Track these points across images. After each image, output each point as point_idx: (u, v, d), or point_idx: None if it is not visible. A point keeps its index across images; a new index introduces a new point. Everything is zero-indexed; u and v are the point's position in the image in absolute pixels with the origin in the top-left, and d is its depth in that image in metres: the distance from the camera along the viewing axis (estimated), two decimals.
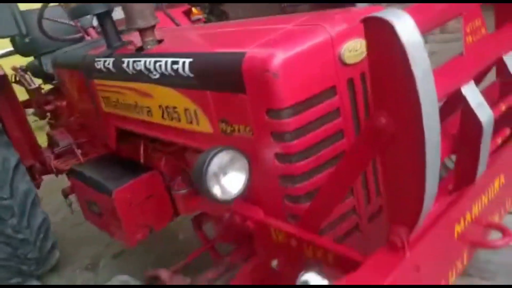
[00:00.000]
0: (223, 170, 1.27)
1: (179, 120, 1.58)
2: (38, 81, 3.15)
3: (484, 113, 0.95)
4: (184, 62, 1.45)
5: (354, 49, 1.26)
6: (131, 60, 1.72)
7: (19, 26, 2.28)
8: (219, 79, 1.34)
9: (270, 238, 1.34)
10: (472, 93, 0.95)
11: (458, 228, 1.14)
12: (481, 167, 1.03)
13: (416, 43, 0.79)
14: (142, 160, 2.13)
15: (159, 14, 2.74)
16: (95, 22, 2.72)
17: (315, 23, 1.26)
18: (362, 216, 1.44)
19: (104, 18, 1.89)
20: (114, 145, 2.16)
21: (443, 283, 1.13)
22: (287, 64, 1.16)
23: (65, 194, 3.09)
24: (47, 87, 3.16)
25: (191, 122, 1.52)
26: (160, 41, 1.74)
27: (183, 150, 1.85)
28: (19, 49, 3.10)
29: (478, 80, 1.26)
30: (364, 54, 1.30)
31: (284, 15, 1.65)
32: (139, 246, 3.29)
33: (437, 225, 1.06)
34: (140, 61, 1.66)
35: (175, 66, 1.49)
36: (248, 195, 1.37)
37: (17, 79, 3.09)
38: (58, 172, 2.76)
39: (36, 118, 3.41)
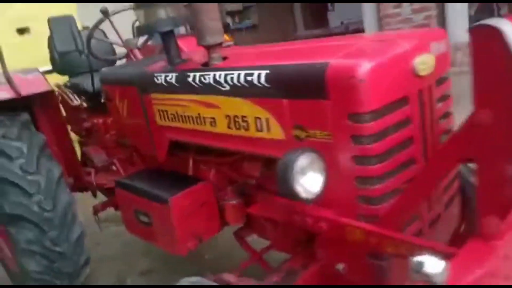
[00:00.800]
0: (306, 171, 1.36)
1: (247, 128, 1.67)
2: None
3: None
4: (259, 74, 1.56)
5: (426, 62, 1.39)
6: (197, 74, 1.83)
7: (77, 43, 2.39)
8: (299, 88, 1.45)
9: (343, 238, 1.42)
10: None
11: None
12: None
13: None
14: (190, 172, 2.21)
15: (191, 38, 2.90)
16: (138, 43, 2.86)
17: (390, 39, 1.40)
18: (425, 221, 1.53)
19: (168, 36, 2.02)
20: (164, 157, 2.24)
21: None
22: (372, 72, 1.28)
23: (96, 211, 3.14)
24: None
25: (261, 130, 1.62)
26: (224, 58, 1.86)
27: (238, 160, 1.94)
28: (57, 67, 3.22)
29: None
30: (433, 69, 1.44)
31: (336, 36, 1.79)
32: (165, 265, 3.32)
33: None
34: (208, 74, 1.78)
35: (249, 78, 1.60)
36: (319, 198, 1.45)
37: (61, 96, 3.18)
38: (98, 187, 2.81)
39: None
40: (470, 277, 0.97)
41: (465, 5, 5.18)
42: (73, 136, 3.30)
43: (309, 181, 1.37)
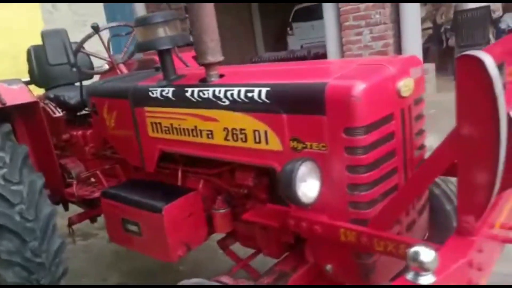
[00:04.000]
0: (305, 177, 1.52)
1: (245, 140, 1.82)
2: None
3: None
4: (260, 90, 1.72)
5: (407, 85, 1.61)
6: (196, 89, 1.97)
7: (68, 56, 2.45)
8: (298, 104, 1.62)
9: (336, 240, 1.58)
10: None
11: (497, 224, 1.45)
12: None
13: (496, 74, 1.13)
14: (179, 182, 2.30)
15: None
16: (122, 59, 2.94)
17: (378, 63, 1.61)
18: (403, 225, 1.73)
19: (165, 53, 2.14)
20: (153, 168, 2.32)
21: (490, 271, 1.41)
22: (366, 92, 1.48)
23: (71, 223, 3.12)
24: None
25: (259, 142, 1.77)
26: (221, 76, 2.00)
27: (230, 170, 2.07)
28: (36, 79, 3.22)
29: None
30: (412, 91, 1.66)
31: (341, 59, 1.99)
32: (139, 276, 3.34)
33: (487, 219, 1.36)
34: (207, 90, 1.91)
35: (249, 94, 1.76)
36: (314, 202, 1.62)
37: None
38: (79, 198, 2.82)
39: None
40: (455, 266, 1.16)
41: (419, 35, 5.66)
42: None
43: (308, 187, 1.54)
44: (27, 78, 3.23)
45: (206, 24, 1.87)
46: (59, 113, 2.97)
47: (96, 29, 2.59)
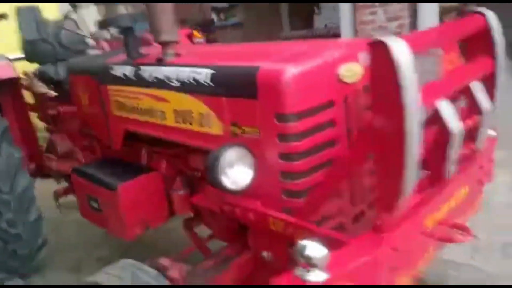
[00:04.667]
0: (233, 164, 1.48)
1: (192, 123, 1.78)
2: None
3: (456, 125, 1.20)
4: (206, 73, 1.68)
5: (351, 70, 1.52)
6: (151, 68, 1.94)
7: (41, 32, 2.47)
8: (236, 87, 1.56)
9: (268, 228, 1.53)
10: (446, 108, 1.20)
11: (429, 223, 1.37)
12: (450, 171, 1.27)
13: (406, 62, 1.04)
14: (144, 162, 2.30)
15: None
16: (107, 36, 2.94)
17: (319, 47, 1.52)
18: (347, 216, 1.66)
19: (128, 31, 2.11)
20: (119, 147, 2.33)
21: (415, 268, 1.34)
22: (296, 77, 1.40)
23: (57, 196, 3.21)
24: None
25: (203, 125, 1.73)
26: (178, 55, 1.96)
27: (186, 152, 2.05)
28: (28, 55, 3.26)
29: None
30: (359, 76, 1.56)
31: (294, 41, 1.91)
32: (121, 253, 3.40)
33: (411, 215, 1.28)
34: (160, 70, 1.88)
35: (196, 76, 1.71)
36: (247, 190, 1.57)
37: (26, 83, 3.23)
38: (59, 173, 2.88)
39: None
40: (352, 264, 1.10)
41: (436, 15, 5.36)
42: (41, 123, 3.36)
43: (237, 173, 1.49)
44: None
45: (161, 2, 1.83)
46: (44, 88, 3.01)
47: (73, 6, 2.59)
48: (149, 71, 1.95)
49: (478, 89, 1.33)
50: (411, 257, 1.32)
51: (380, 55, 1.05)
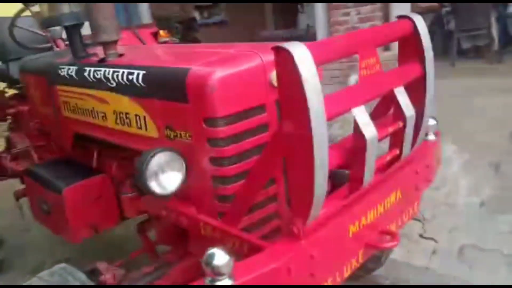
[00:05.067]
0: (162, 168, 1.46)
1: (130, 125, 1.76)
2: (2, 85, 3.26)
3: (369, 131, 1.20)
4: (138, 74, 1.65)
5: None
6: (92, 69, 1.91)
7: None
8: (167, 90, 1.54)
9: (199, 233, 1.52)
10: (361, 115, 1.19)
11: (353, 229, 1.36)
12: (367, 177, 1.26)
13: (309, 70, 1.02)
14: (94, 165, 2.27)
15: (127, 33, 2.97)
16: (64, 35, 2.89)
17: (252, 51, 1.51)
18: (284, 220, 1.65)
19: (72, 30, 2.08)
20: (70, 149, 2.30)
21: (337, 275, 1.34)
22: (223, 81, 1.38)
23: (17, 197, 3.15)
24: (11, 91, 3.27)
25: (140, 128, 1.71)
26: (121, 55, 1.93)
27: (133, 154, 2.02)
28: None
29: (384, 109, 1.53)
30: None
31: (233, 43, 1.89)
32: (85, 254, 3.37)
33: (332, 222, 1.28)
34: (100, 70, 1.85)
35: (130, 77, 1.68)
36: (184, 194, 1.55)
37: None
38: (12, 173, 2.84)
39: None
40: (260, 271, 1.09)
41: None
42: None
43: (166, 178, 1.47)
44: None
45: (99, 2, 1.80)
46: None
47: (25, 4, 2.55)
48: (90, 71, 1.92)
49: (400, 95, 1.33)
50: (333, 263, 1.31)
51: (283, 61, 1.04)
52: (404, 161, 1.54)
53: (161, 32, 3.62)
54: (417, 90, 1.46)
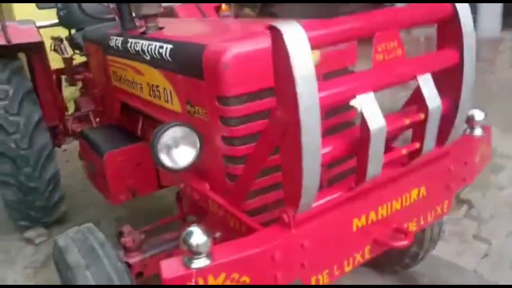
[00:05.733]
0: (176, 142, 1.48)
1: (160, 98, 1.80)
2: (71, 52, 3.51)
3: (376, 121, 1.10)
4: (167, 48, 1.67)
5: None
6: (133, 41, 1.97)
7: None
8: (188, 66, 1.55)
9: (209, 209, 1.54)
10: (368, 103, 1.10)
11: (358, 223, 1.28)
12: (372, 170, 1.17)
13: (301, 52, 0.96)
14: (139, 133, 2.38)
15: (191, 6, 3.02)
16: None
17: None
18: None
19: (121, 2, 2.15)
20: (117, 117, 2.42)
21: (335, 268, 1.28)
22: (237, 59, 1.35)
23: (80, 156, 3.44)
24: (82, 58, 3.52)
25: (167, 101, 1.75)
26: (161, 28, 1.97)
27: None
28: (62, 21, 3.46)
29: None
30: (316, 63, 1.47)
31: (268, 18, 1.84)
32: (138, 216, 3.58)
33: (331, 214, 1.21)
34: (139, 42, 1.91)
35: (161, 50, 1.71)
36: (198, 170, 1.57)
37: (54, 47, 3.45)
38: (73, 133, 3.08)
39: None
40: (238, 255, 1.07)
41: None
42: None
43: (179, 153, 1.49)
44: None
45: None
46: (67, 54, 3.19)
47: None
48: (131, 43, 1.98)
49: (424, 84, 1.20)
50: (330, 255, 1.25)
51: (274, 41, 0.98)
52: (433, 156, 1.41)
53: (223, 6, 3.63)
54: (453, 79, 1.31)
